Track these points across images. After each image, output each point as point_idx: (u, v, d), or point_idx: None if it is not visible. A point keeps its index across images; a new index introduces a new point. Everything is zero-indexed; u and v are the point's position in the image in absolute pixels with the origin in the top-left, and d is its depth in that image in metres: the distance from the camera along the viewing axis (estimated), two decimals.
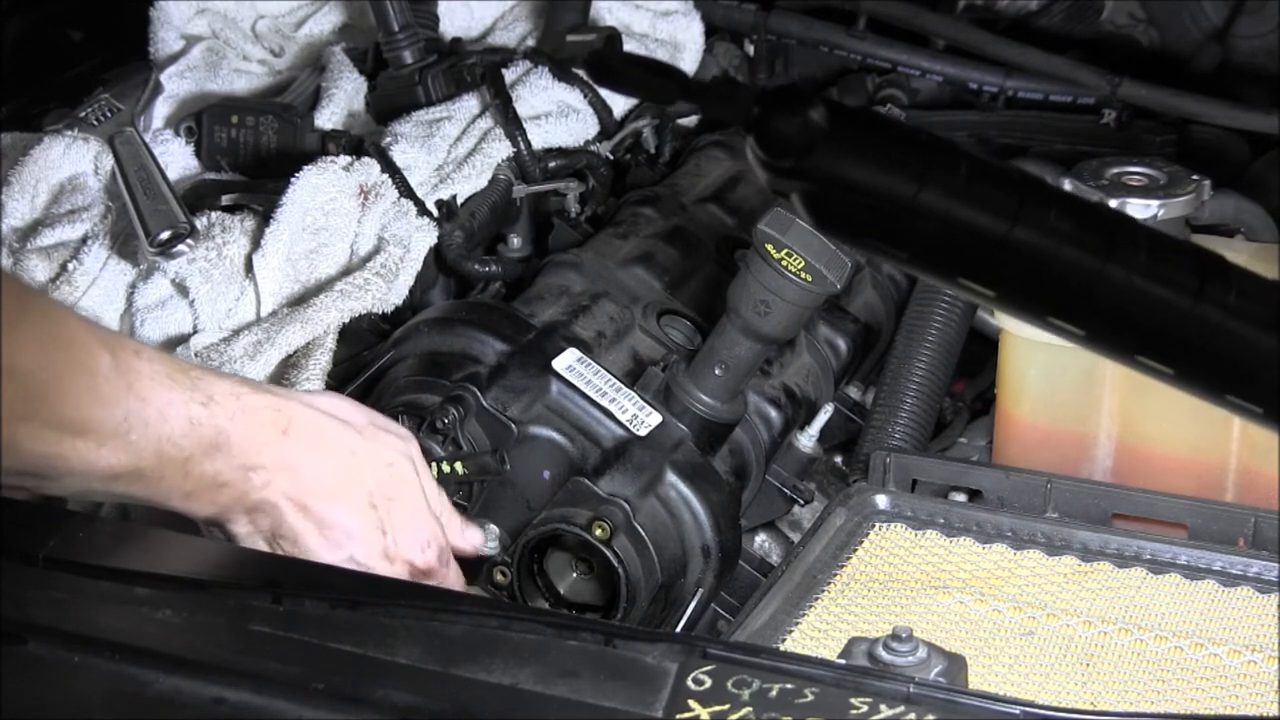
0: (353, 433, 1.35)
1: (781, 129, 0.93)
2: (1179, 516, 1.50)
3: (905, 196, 0.94)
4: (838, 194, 0.95)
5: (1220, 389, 0.98)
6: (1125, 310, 0.96)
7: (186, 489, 1.25)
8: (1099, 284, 0.95)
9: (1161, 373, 0.98)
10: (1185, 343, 0.96)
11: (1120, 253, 0.95)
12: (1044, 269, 0.95)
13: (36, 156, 1.82)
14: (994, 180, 0.96)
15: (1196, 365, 0.98)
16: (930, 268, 0.99)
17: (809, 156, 0.93)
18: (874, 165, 0.94)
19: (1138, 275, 0.95)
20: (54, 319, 1.19)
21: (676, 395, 1.55)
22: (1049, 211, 0.95)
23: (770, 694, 1.02)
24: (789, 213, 1.46)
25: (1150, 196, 1.62)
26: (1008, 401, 1.68)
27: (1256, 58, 2.16)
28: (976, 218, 0.94)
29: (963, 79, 2.22)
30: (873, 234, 0.97)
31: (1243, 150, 2.09)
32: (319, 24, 2.19)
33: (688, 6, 2.19)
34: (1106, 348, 0.99)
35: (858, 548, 1.48)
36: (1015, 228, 0.94)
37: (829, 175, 0.94)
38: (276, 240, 1.65)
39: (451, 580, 1.41)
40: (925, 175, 0.94)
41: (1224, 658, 1.33)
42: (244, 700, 1.07)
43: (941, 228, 0.94)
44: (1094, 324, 0.97)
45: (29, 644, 1.12)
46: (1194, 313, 0.95)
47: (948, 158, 0.95)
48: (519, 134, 1.85)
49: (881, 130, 0.96)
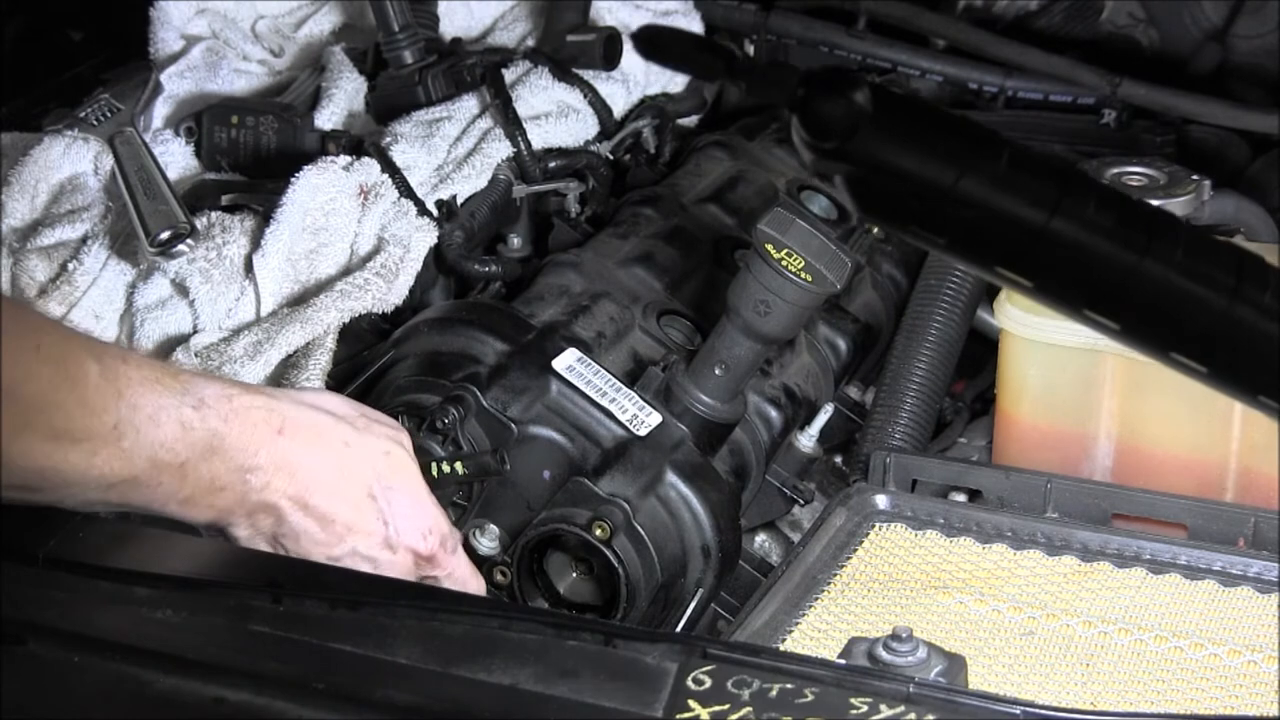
0: (346, 425, 1.36)
1: (826, 111, 0.94)
2: (1179, 516, 1.50)
3: (945, 183, 0.94)
4: (879, 178, 0.95)
5: (1253, 389, 0.97)
6: (1160, 306, 0.96)
7: (183, 495, 1.25)
8: (1135, 278, 0.95)
9: (1195, 371, 0.97)
10: (1219, 342, 0.96)
11: (1158, 248, 0.95)
12: (1081, 261, 0.95)
13: (36, 156, 1.83)
14: (1034, 170, 0.95)
15: (1230, 365, 0.97)
16: (968, 255, 0.99)
17: (852, 139, 0.93)
18: (916, 151, 0.94)
19: (1174, 271, 0.95)
20: (37, 330, 1.18)
21: (676, 395, 1.55)
22: (1088, 204, 0.95)
23: (770, 694, 1.02)
24: (789, 213, 1.47)
25: (1150, 196, 1.62)
26: (1008, 401, 1.68)
27: (1256, 58, 2.16)
28: (1016, 207, 0.94)
29: (963, 79, 2.22)
30: (912, 219, 0.97)
31: (1243, 150, 2.09)
32: (319, 24, 2.19)
33: (688, 6, 2.19)
34: (1140, 343, 0.98)
35: (858, 548, 1.48)
36: (1054, 219, 0.94)
37: (871, 158, 0.94)
38: (276, 240, 1.65)
39: (461, 568, 1.41)
40: (966, 163, 0.94)
41: (1224, 658, 1.33)
42: (244, 700, 1.07)
43: (981, 216, 0.95)
44: (1129, 319, 0.97)
45: (29, 644, 1.13)
46: (1229, 312, 0.94)
47: (989, 146, 0.95)
48: (519, 134, 1.85)
49: (925, 116, 0.96)
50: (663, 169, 2.03)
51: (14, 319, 1.16)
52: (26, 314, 1.30)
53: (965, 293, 1.77)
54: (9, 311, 1.16)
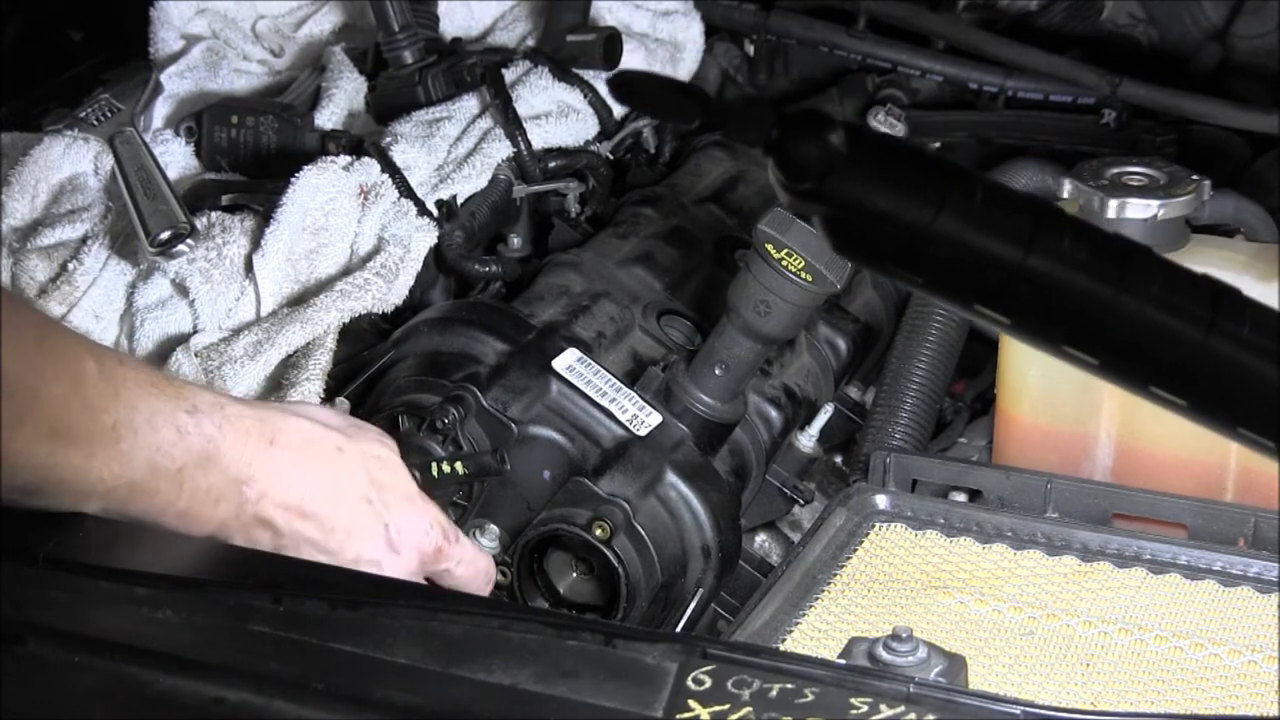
0: (335, 433, 1.35)
1: (800, 152, 0.94)
2: (1179, 516, 1.50)
3: (922, 222, 0.94)
4: (856, 218, 0.95)
5: (1232, 422, 0.98)
6: (1137, 340, 0.96)
7: (181, 506, 1.24)
8: (1112, 313, 0.95)
9: (1175, 404, 0.97)
10: (1197, 375, 0.96)
11: (1133, 281, 0.95)
12: (1057, 297, 0.95)
13: (36, 156, 1.82)
14: (1009, 207, 0.96)
15: (1209, 398, 0.97)
16: (946, 294, 0.99)
17: (827, 180, 0.94)
18: (891, 190, 0.95)
19: (1150, 305, 0.95)
20: (38, 325, 1.18)
21: (676, 395, 1.55)
22: (1063, 239, 0.95)
23: (770, 694, 1.02)
24: (789, 213, 1.46)
25: (1150, 196, 1.62)
26: (1008, 401, 1.68)
27: (1256, 57, 2.16)
28: (991, 244, 0.94)
29: (963, 79, 2.22)
30: (890, 259, 0.97)
31: (1243, 150, 2.09)
32: (319, 24, 2.19)
33: (688, 6, 2.19)
34: (1120, 378, 0.98)
35: (858, 548, 1.48)
36: (1029, 255, 0.94)
37: (847, 199, 0.94)
38: (276, 240, 1.65)
39: (468, 550, 1.40)
40: (941, 201, 0.94)
41: (1224, 658, 1.33)
42: (244, 700, 1.07)
43: (957, 254, 0.95)
44: (1107, 354, 0.97)
45: (29, 644, 1.12)
46: (1206, 344, 0.95)
47: (964, 184, 0.95)
48: (519, 134, 1.85)
49: (899, 156, 0.96)
50: (663, 169, 2.03)
51: (15, 314, 1.15)
52: (28, 310, 1.29)
53: None
54: (10, 306, 1.16)
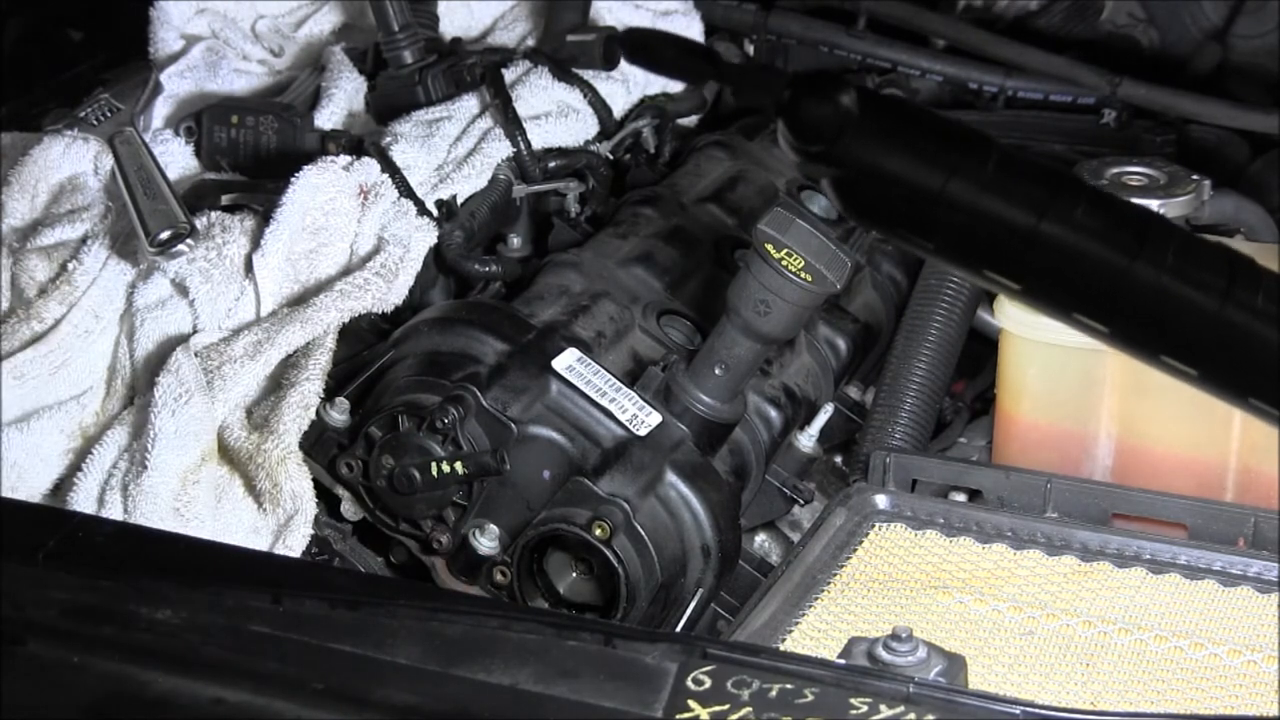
0: None
1: (812, 113, 0.93)
2: (1179, 516, 1.50)
3: (933, 187, 0.93)
4: (866, 181, 0.94)
5: (1243, 392, 0.97)
6: (1150, 309, 0.95)
7: None
8: (1125, 282, 0.94)
9: (1185, 374, 0.97)
10: (1210, 344, 0.95)
11: (1148, 251, 0.94)
12: (1070, 265, 0.94)
13: (36, 156, 1.82)
14: (1023, 173, 0.95)
15: (1220, 368, 0.96)
16: (957, 259, 0.98)
17: (838, 142, 0.93)
18: (903, 154, 0.93)
19: (1165, 274, 0.94)
20: None
21: (676, 395, 1.55)
22: (1078, 206, 0.94)
23: (770, 694, 1.02)
24: (789, 213, 1.46)
25: (1150, 196, 1.62)
26: (1008, 401, 1.68)
27: (1256, 58, 2.16)
28: (1004, 210, 0.94)
29: (963, 79, 2.22)
30: (900, 223, 0.96)
31: (1243, 150, 2.09)
32: (319, 24, 2.19)
33: (688, 6, 2.19)
34: (1130, 347, 0.98)
35: (858, 548, 1.48)
36: (1043, 222, 0.93)
37: (857, 162, 0.93)
38: (276, 240, 1.65)
39: None
40: (954, 166, 0.93)
41: (1224, 658, 1.33)
42: (244, 700, 1.07)
43: (968, 219, 0.94)
44: (1119, 322, 0.96)
45: (29, 644, 1.12)
46: (1220, 314, 0.94)
47: (977, 149, 0.94)
48: (519, 134, 1.85)
49: (912, 119, 0.95)
50: (663, 169, 2.02)
51: None
52: None
53: (965, 293, 1.77)
54: None
